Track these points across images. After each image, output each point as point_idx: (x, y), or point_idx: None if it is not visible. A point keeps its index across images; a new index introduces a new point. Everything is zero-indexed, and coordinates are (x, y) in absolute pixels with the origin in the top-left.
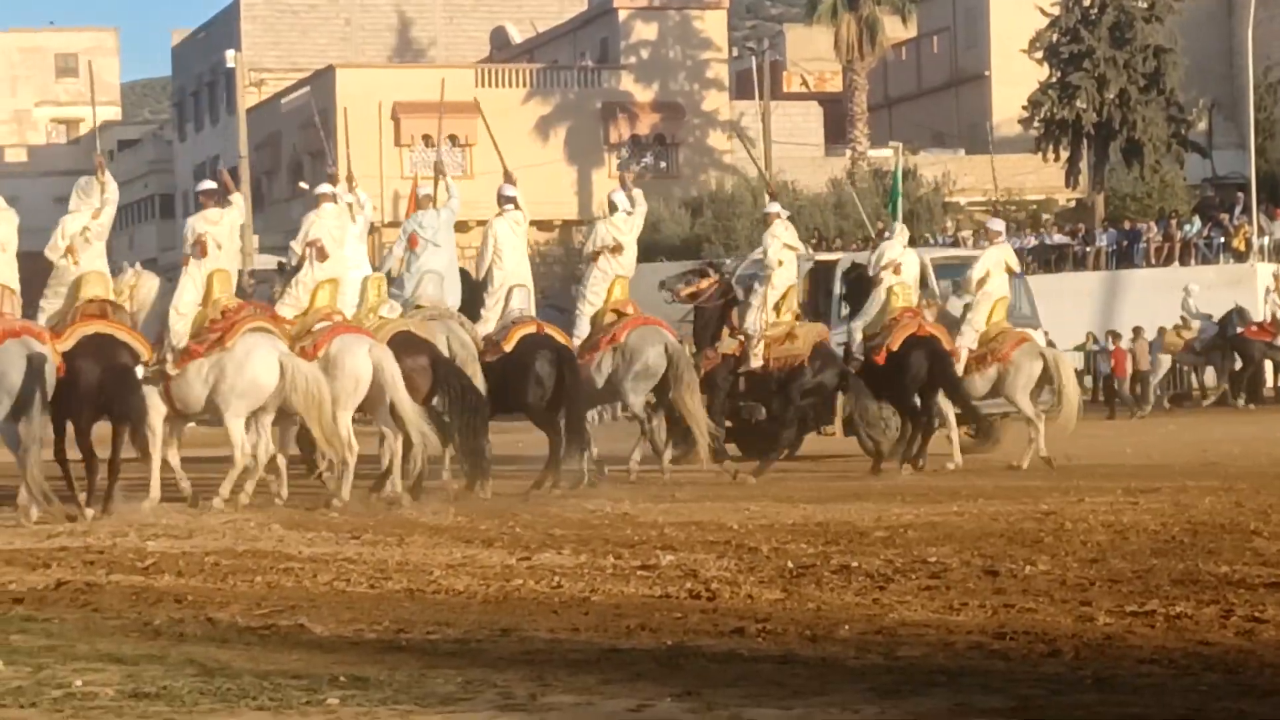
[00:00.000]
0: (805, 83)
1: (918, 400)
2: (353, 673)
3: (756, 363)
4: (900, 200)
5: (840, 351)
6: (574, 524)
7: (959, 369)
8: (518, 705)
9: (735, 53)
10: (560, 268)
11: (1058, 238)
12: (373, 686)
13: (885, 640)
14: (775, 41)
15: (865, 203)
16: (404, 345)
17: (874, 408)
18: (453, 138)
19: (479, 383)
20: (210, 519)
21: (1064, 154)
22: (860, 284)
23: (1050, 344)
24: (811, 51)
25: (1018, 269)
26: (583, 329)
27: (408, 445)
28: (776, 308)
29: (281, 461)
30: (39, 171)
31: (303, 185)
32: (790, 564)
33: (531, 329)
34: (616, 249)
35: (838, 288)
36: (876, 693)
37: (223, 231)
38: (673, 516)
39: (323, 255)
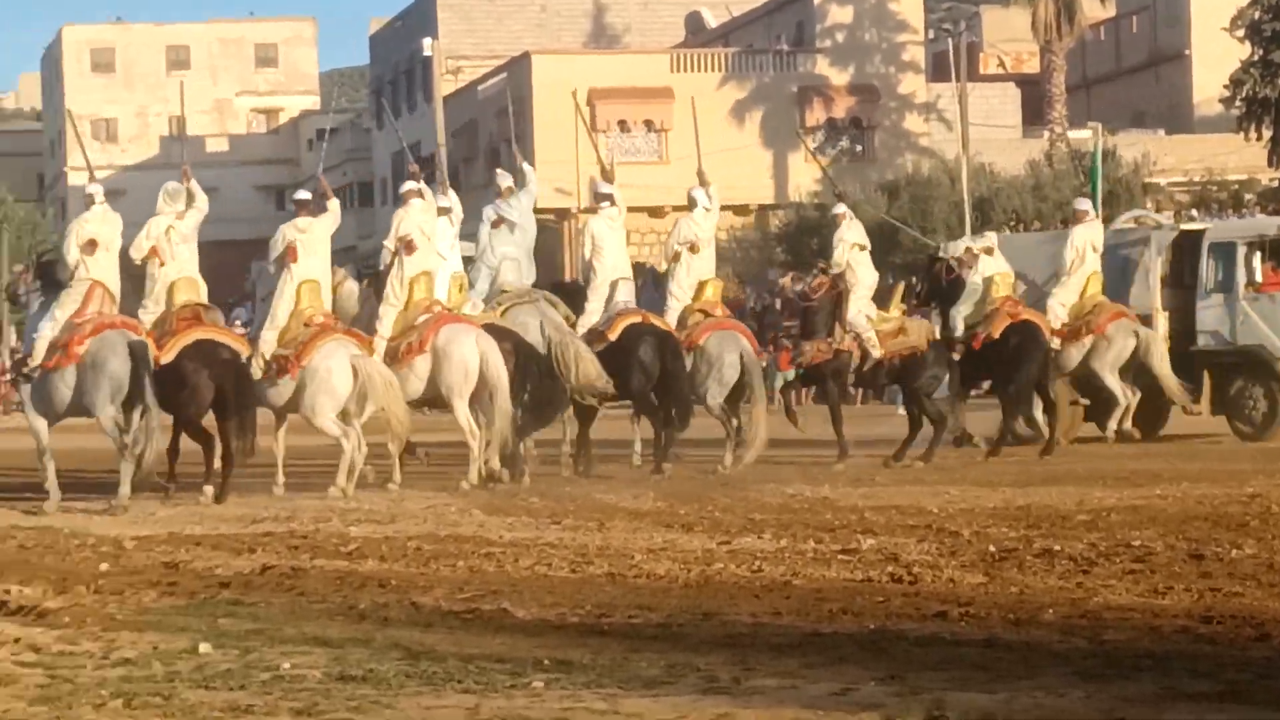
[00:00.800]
0: (1002, 64)
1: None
2: (556, 656)
3: (876, 353)
4: (1100, 182)
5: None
6: (774, 509)
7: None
8: (721, 688)
9: (931, 35)
10: (756, 252)
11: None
12: (576, 670)
13: (1090, 624)
14: (972, 23)
15: (1064, 184)
16: (494, 332)
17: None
18: (648, 122)
19: (577, 350)
20: (408, 504)
21: (1266, 133)
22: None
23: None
24: (1008, 32)
25: (1101, 248)
26: (670, 324)
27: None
28: (882, 301)
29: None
30: (239, 161)
31: (499, 172)
32: (992, 548)
33: (636, 319)
34: (693, 247)
35: (1205, 260)
36: (1081, 677)
37: (311, 239)
38: (872, 501)
39: (411, 249)
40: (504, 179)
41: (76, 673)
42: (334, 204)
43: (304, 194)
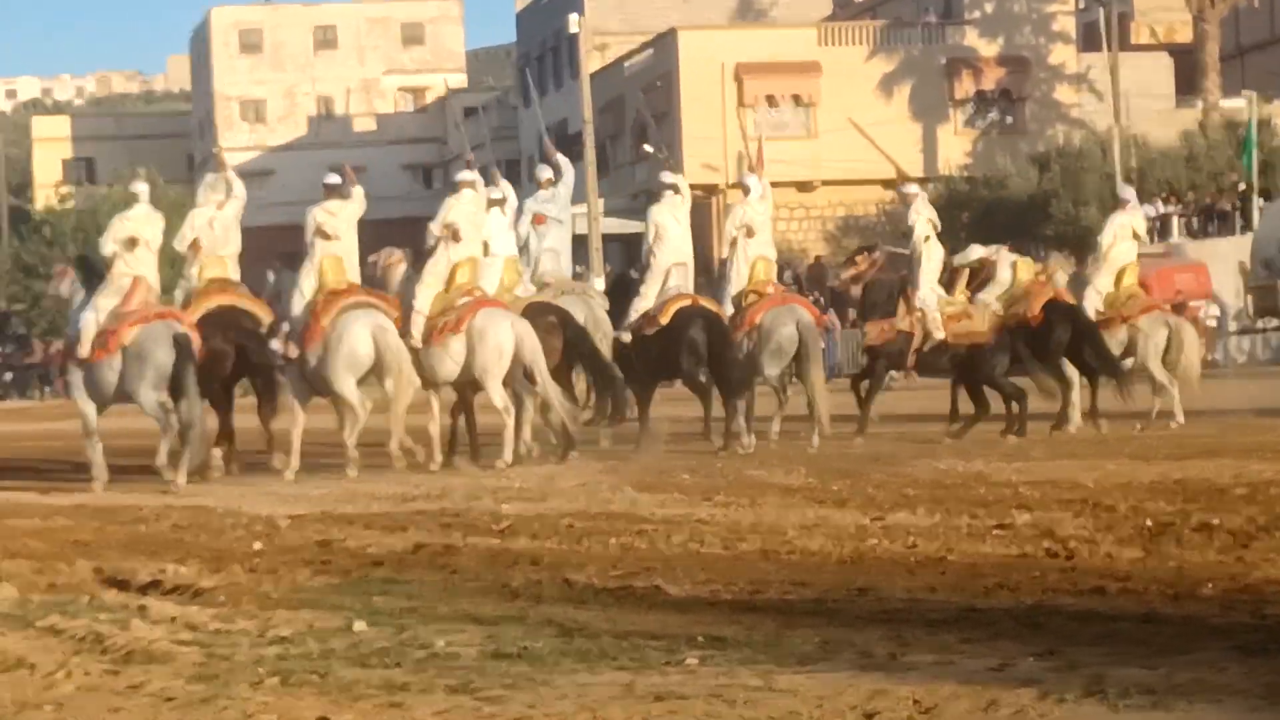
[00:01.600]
0: (1154, 33)
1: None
2: (710, 633)
3: (940, 334)
4: (1254, 151)
5: None
6: (927, 484)
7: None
8: (877, 664)
9: (1082, 4)
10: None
11: None
12: (730, 646)
13: (1250, 598)
14: None
15: (1218, 155)
16: (537, 311)
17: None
18: (796, 98)
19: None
20: (560, 482)
21: None
22: None
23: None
24: (1160, 1)
25: (1144, 236)
26: (727, 308)
27: (544, 409)
28: (949, 286)
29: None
30: (387, 140)
31: (647, 148)
32: (1149, 522)
33: (686, 302)
34: (749, 231)
35: None
36: (1242, 651)
37: (340, 223)
38: (1027, 475)
39: (457, 237)
40: (543, 171)
41: (233, 651)
42: (358, 190)
43: (334, 178)
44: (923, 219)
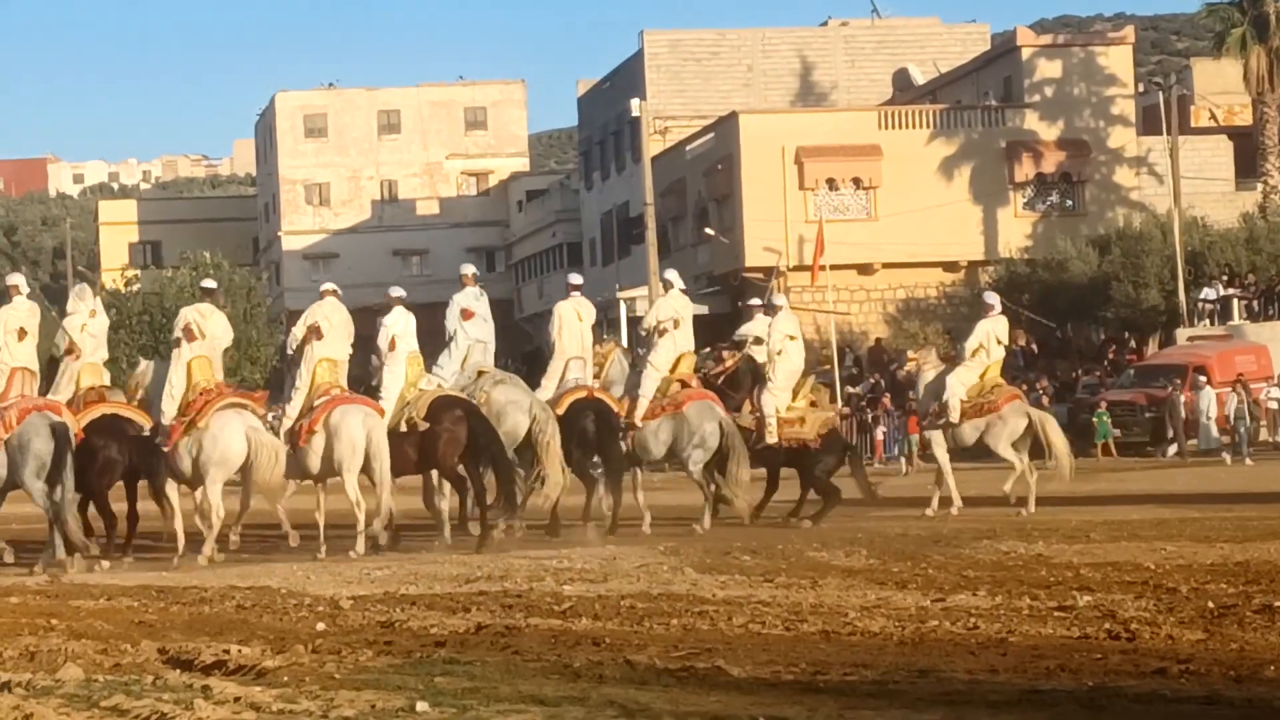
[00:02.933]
0: (1214, 116)
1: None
2: (771, 714)
3: (771, 439)
4: None
5: None
6: (987, 565)
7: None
8: None
9: (1141, 88)
10: (966, 308)
11: None
12: None
13: None
14: (1182, 75)
15: (1278, 237)
16: (445, 404)
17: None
18: (856, 180)
19: (553, 434)
20: (621, 563)
21: None
22: None
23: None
24: (1220, 84)
25: (1006, 341)
26: (648, 391)
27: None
28: (794, 392)
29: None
30: (449, 223)
31: (708, 231)
32: (1211, 604)
33: (582, 394)
34: (676, 323)
35: None
36: None
37: (210, 324)
38: (1088, 557)
39: (319, 335)
40: (468, 268)
41: None
42: (222, 317)
43: (210, 283)
44: (778, 332)
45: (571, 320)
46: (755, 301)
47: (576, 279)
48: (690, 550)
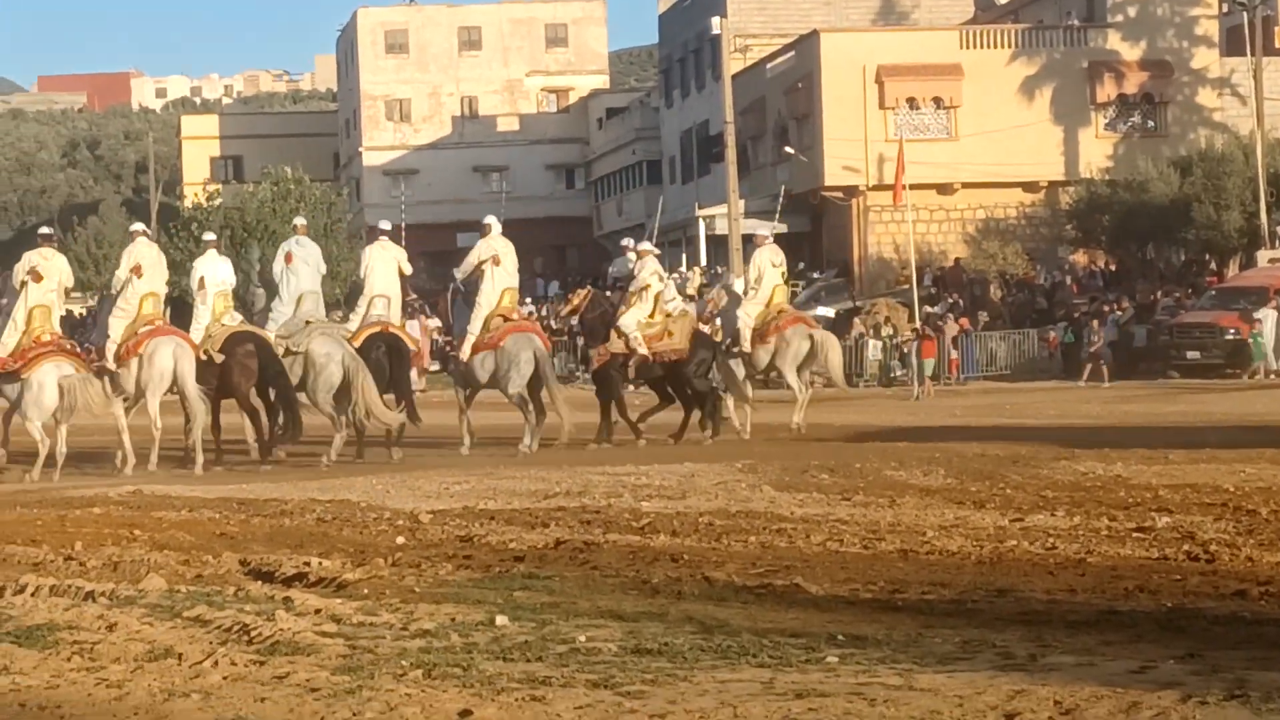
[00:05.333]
0: None
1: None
2: (850, 631)
3: (643, 350)
4: None
5: None
6: (1065, 486)
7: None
8: (1018, 665)
9: (1225, 8)
10: (1046, 229)
11: None
12: (870, 645)
13: None
14: None
15: None
16: (238, 339)
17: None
18: (937, 99)
19: (365, 380)
20: (699, 480)
21: None
22: None
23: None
24: None
25: (782, 267)
26: (475, 328)
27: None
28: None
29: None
30: (529, 140)
31: (788, 150)
32: None
33: (377, 329)
34: (496, 261)
35: None
36: None
37: (50, 267)
38: (1166, 479)
39: (140, 273)
40: (299, 220)
41: (376, 643)
42: (62, 260)
43: (47, 230)
44: (647, 271)
45: (377, 263)
46: (627, 242)
47: (385, 225)
48: (768, 468)
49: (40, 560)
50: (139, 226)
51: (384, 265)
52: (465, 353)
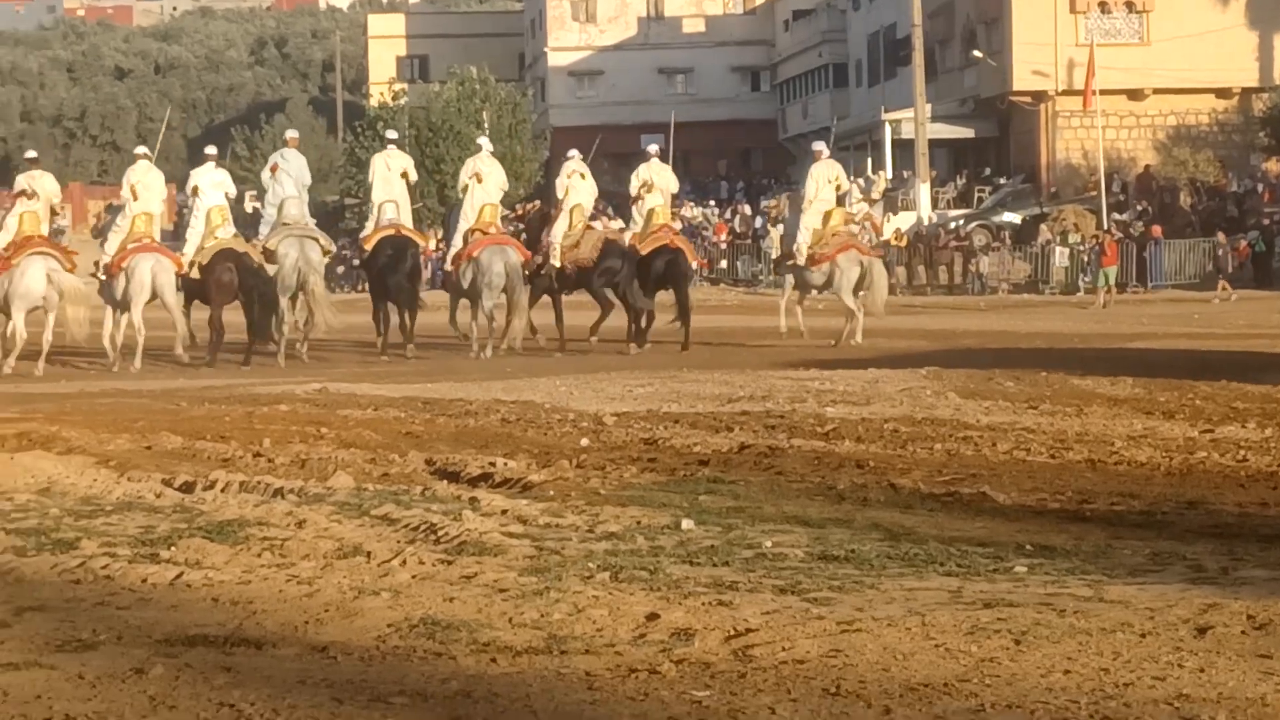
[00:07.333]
0: None
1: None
2: (1037, 541)
3: (555, 262)
4: None
5: None
6: (1257, 398)
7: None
8: (1209, 578)
9: None
10: (1239, 136)
11: None
12: (1059, 555)
13: None
14: None
15: None
16: (222, 256)
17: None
18: (1129, 4)
19: (316, 286)
20: (883, 386)
21: None
22: None
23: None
24: None
25: (846, 185)
26: (458, 242)
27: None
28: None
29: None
30: (715, 41)
31: (976, 54)
32: None
33: (390, 232)
34: (478, 178)
35: None
36: None
37: (40, 185)
38: None
39: (136, 195)
40: (292, 132)
41: (563, 545)
42: (50, 178)
43: (32, 153)
44: (565, 178)
45: (383, 170)
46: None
47: (392, 134)
48: (953, 375)
49: (229, 456)
50: (141, 150)
51: (386, 173)
52: (448, 264)
